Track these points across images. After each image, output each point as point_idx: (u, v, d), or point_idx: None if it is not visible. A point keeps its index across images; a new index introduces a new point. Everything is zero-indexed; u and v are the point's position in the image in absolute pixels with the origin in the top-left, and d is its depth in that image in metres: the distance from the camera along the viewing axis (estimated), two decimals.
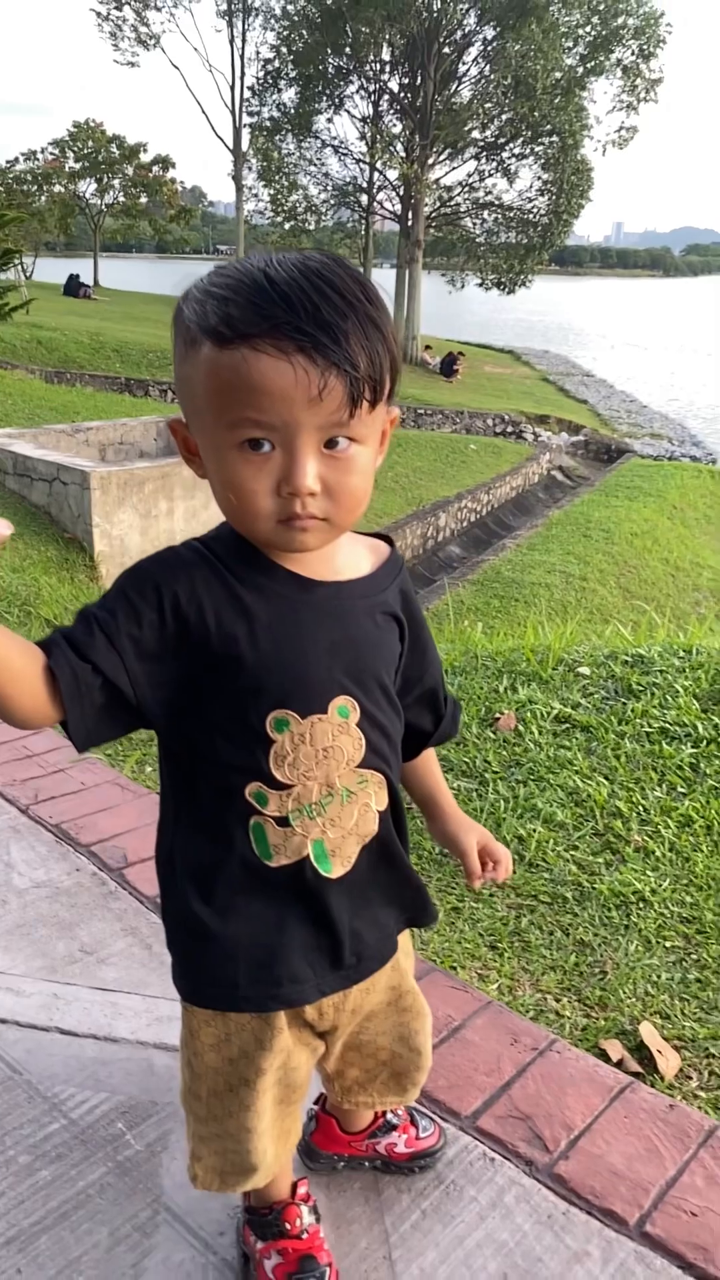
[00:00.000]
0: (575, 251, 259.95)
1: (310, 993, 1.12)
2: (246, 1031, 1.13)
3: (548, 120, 27.55)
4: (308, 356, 0.92)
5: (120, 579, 1.01)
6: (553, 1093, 1.65)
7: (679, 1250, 1.39)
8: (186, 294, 0.99)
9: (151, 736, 3.33)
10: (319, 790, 1.07)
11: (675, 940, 2.32)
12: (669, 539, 16.72)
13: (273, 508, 0.98)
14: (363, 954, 1.15)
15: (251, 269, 0.94)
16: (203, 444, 1.00)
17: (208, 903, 1.08)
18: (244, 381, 0.92)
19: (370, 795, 1.11)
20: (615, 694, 3.52)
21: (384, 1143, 1.48)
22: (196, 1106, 1.19)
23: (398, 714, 1.15)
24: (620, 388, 33.35)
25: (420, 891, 1.22)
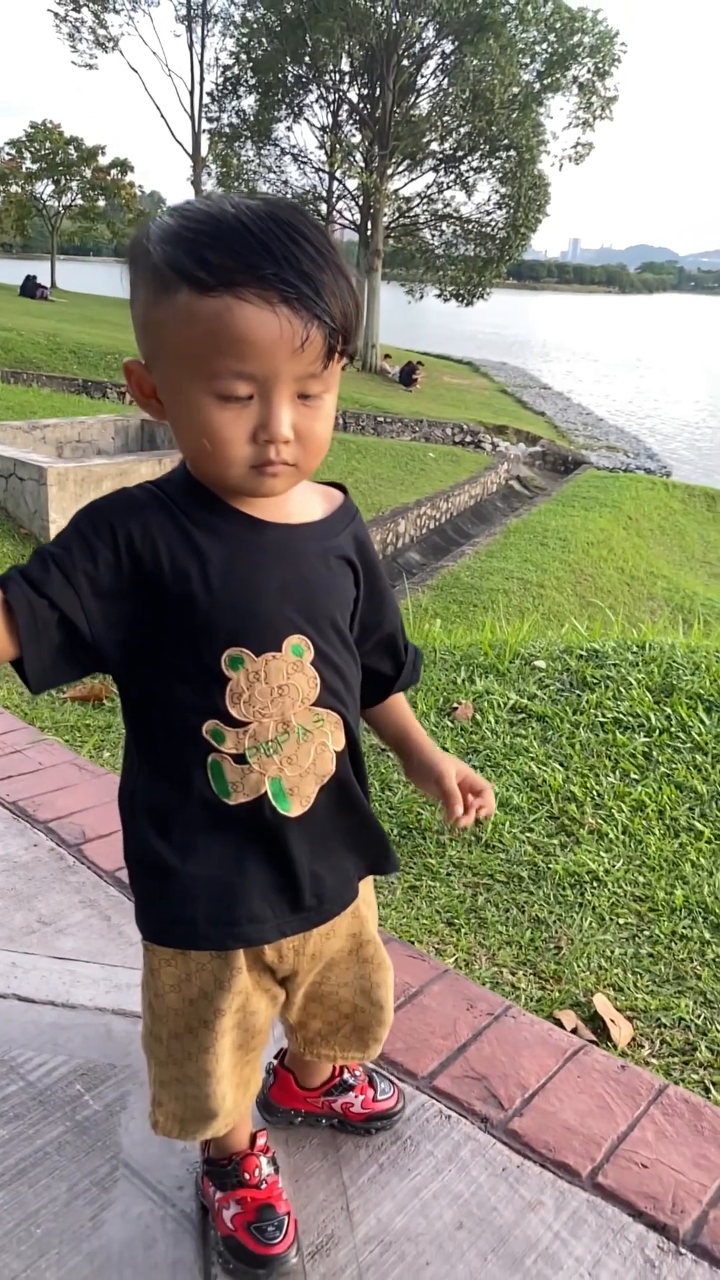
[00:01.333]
0: (533, 266, 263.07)
1: (270, 932, 1.13)
2: (206, 972, 1.14)
3: (505, 135, 27.90)
4: (291, 308, 0.93)
5: (75, 518, 1.02)
6: (508, 1055, 1.68)
7: (630, 1199, 1.42)
8: (147, 233, 0.98)
9: (109, 723, 3.30)
10: (275, 727, 1.08)
11: (628, 917, 2.37)
12: (624, 549, 16.96)
13: (248, 455, 0.99)
14: (323, 896, 1.17)
15: (223, 212, 0.94)
16: (170, 389, 1.00)
17: (168, 842, 1.09)
18: (228, 331, 0.93)
19: (327, 734, 1.13)
20: (570, 686, 3.58)
21: (340, 1101, 1.48)
22: (157, 1050, 1.19)
23: (353, 657, 1.17)
24: (577, 400, 33.81)
25: (381, 838, 1.24)
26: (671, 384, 45.23)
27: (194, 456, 1.02)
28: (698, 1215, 1.41)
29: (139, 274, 0.99)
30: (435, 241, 32.00)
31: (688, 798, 2.91)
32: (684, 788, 2.95)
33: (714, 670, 3.61)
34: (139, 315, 1.00)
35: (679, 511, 20.12)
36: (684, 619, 14.95)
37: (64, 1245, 1.27)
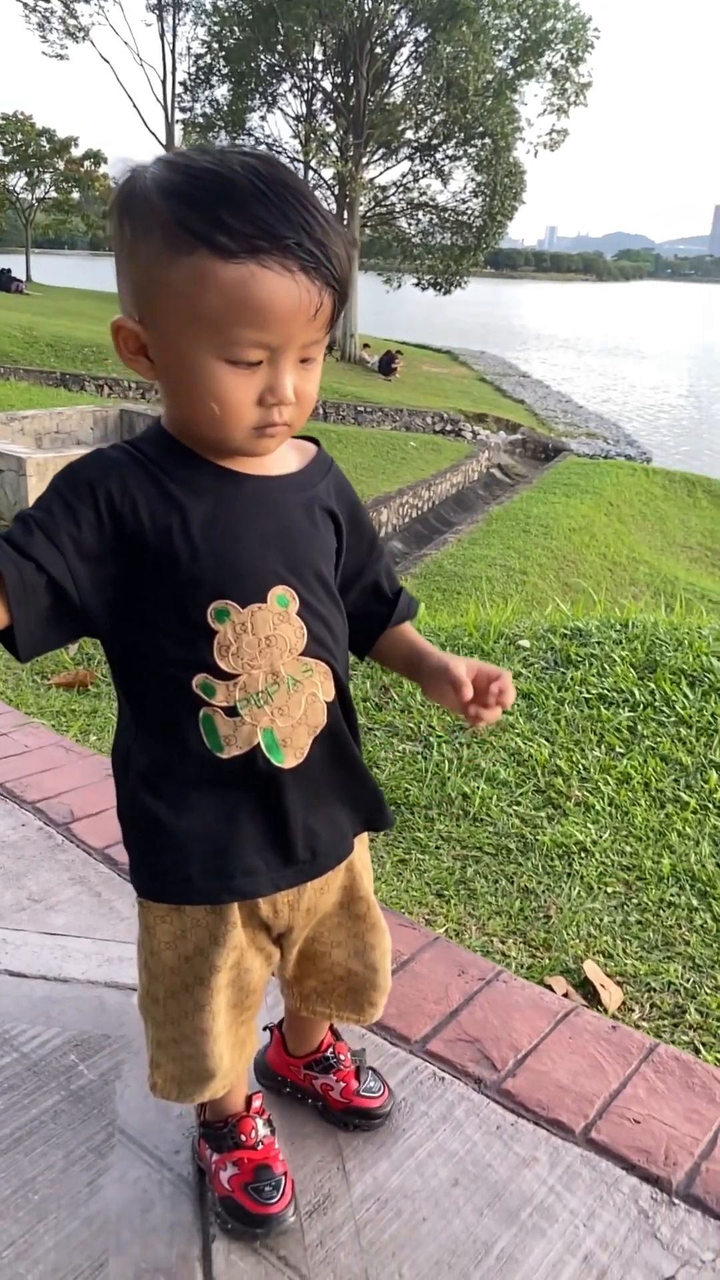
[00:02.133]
0: (510, 254, 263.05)
1: (264, 885, 1.13)
2: (201, 927, 1.14)
3: (480, 122, 27.85)
4: (309, 276, 0.94)
5: (54, 482, 1.01)
6: (500, 1018, 1.69)
7: (623, 1153, 1.44)
8: (143, 183, 0.95)
9: (95, 708, 3.29)
10: (265, 678, 1.08)
11: (616, 886, 2.39)
12: (606, 535, 17.02)
13: (254, 418, 1.00)
14: (317, 850, 1.17)
15: (232, 172, 0.92)
16: (172, 350, 0.98)
17: (161, 798, 1.10)
18: (252, 300, 0.93)
19: (316, 685, 1.13)
20: (555, 664, 3.59)
21: (320, 1081, 1.46)
22: (154, 1010, 1.20)
23: (338, 607, 1.17)
24: (556, 388, 33.84)
25: (376, 793, 1.24)
26: (650, 371, 45.38)
27: (195, 418, 1.02)
28: (690, 1167, 1.42)
29: (137, 226, 0.96)
30: (412, 230, 31.94)
31: (673, 769, 2.93)
32: (669, 760, 2.97)
33: (697, 646, 3.63)
34: (137, 271, 0.98)
35: (660, 497, 20.21)
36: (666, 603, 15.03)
37: (61, 1210, 1.27)
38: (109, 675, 3.73)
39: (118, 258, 1.00)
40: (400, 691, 3.36)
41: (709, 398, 37.81)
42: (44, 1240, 1.24)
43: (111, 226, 1.00)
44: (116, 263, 1.00)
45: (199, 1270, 1.22)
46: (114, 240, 1.00)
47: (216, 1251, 1.24)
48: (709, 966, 2.11)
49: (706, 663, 3.50)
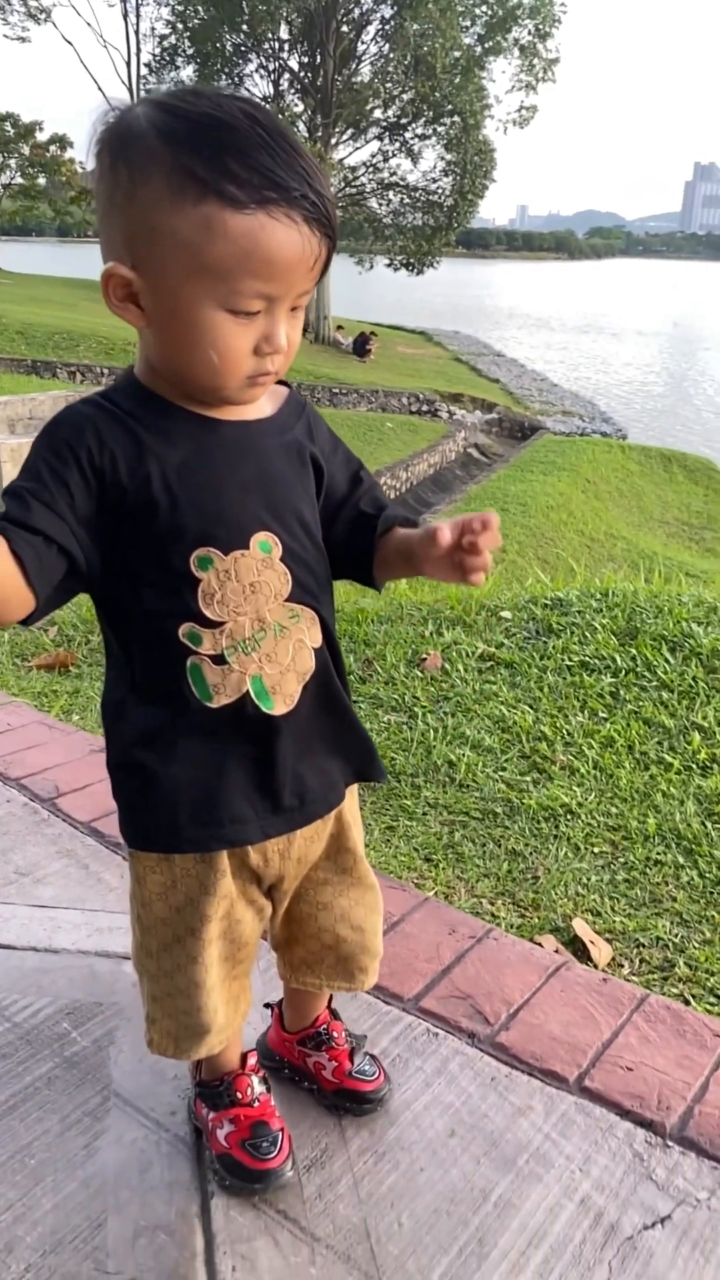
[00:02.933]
0: (481, 234, 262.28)
1: (253, 833, 1.13)
2: (191, 877, 1.14)
3: (449, 100, 27.69)
4: (310, 227, 0.95)
5: (35, 448, 1.00)
6: (491, 974, 1.70)
7: (617, 1100, 1.45)
8: (139, 126, 0.93)
9: (76, 688, 3.26)
10: (251, 625, 1.08)
11: (603, 846, 2.40)
12: (584, 512, 17.07)
13: (250, 367, 1.00)
14: (305, 797, 1.17)
15: (232, 118, 0.91)
16: (170, 299, 0.96)
17: (151, 748, 1.09)
18: (259, 251, 0.93)
19: (304, 631, 1.13)
20: (536, 633, 3.60)
21: (313, 1059, 1.43)
22: (148, 963, 1.20)
23: (322, 554, 1.17)
24: (531, 367, 33.82)
25: (366, 743, 1.24)
26: (624, 348, 45.42)
27: (191, 367, 1.01)
28: (683, 1111, 1.44)
29: (135, 170, 0.93)
30: (383, 211, 31.75)
31: (656, 732, 2.94)
32: (652, 723, 2.99)
33: (676, 612, 3.65)
34: (135, 216, 0.95)
35: (636, 473, 20.26)
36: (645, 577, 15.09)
37: (59, 1174, 1.27)
38: (89, 656, 3.69)
39: (107, 201, 0.97)
40: (384, 664, 3.36)
41: (682, 374, 37.93)
42: (42, 1203, 1.24)
43: (98, 167, 0.97)
44: (104, 206, 0.98)
45: (198, 1226, 1.22)
46: (101, 182, 0.97)
47: (215, 1208, 1.24)
48: (696, 921, 2.13)
49: (686, 628, 3.51)
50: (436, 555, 1.04)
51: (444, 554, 1.03)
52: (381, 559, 1.19)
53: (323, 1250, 1.19)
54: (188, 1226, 1.22)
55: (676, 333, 55.69)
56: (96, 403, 1.04)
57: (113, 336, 23.62)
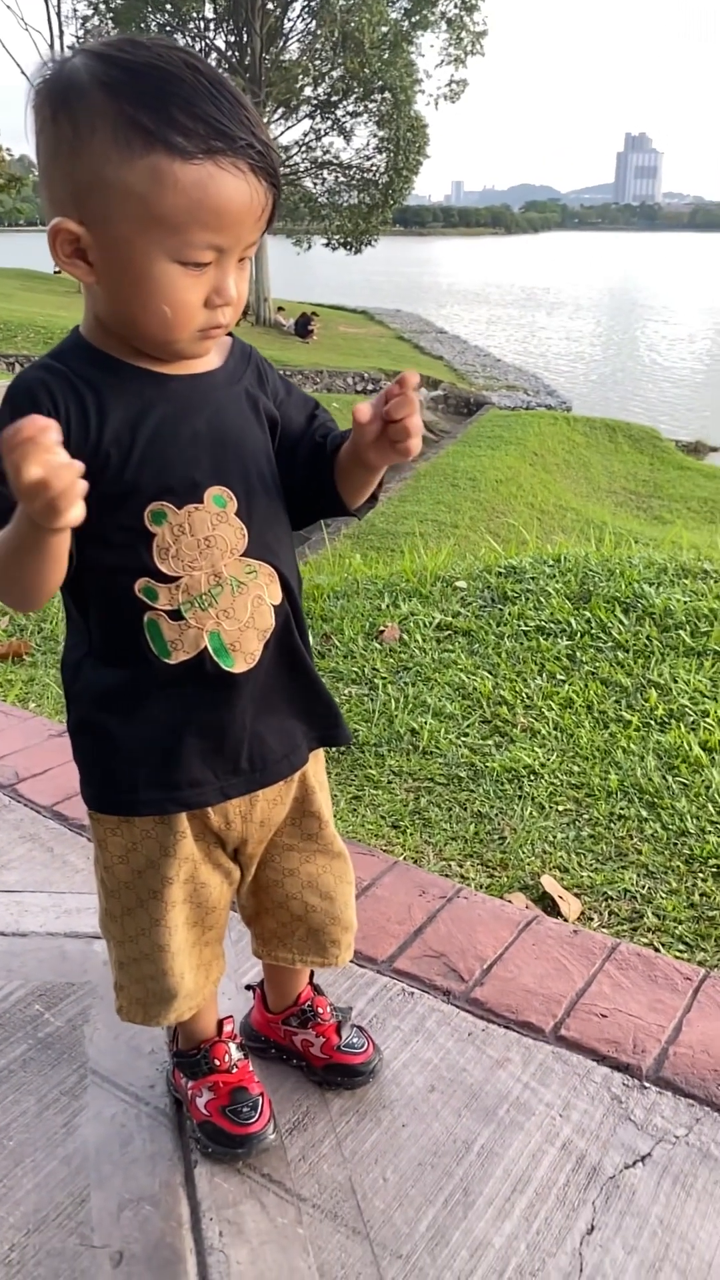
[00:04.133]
0: (418, 211, 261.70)
1: (212, 794, 1.12)
2: (151, 839, 1.14)
3: (378, 76, 27.47)
4: (257, 177, 0.94)
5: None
6: (463, 932, 1.71)
7: (593, 1046, 1.47)
8: (79, 78, 0.91)
9: (31, 676, 3.21)
10: (207, 580, 1.07)
11: (567, 804, 2.42)
12: (532, 484, 17.15)
13: (201, 319, 1.00)
14: (267, 758, 1.16)
15: (173, 65, 0.90)
16: (121, 253, 0.95)
17: (109, 709, 1.09)
18: (208, 201, 0.92)
19: (262, 587, 1.11)
20: (492, 601, 3.62)
21: (300, 1037, 1.42)
22: (114, 928, 1.19)
23: (279, 507, 1.15)
24: (474, 343, 33.85)
25: (330, 705, 1.23)
26: (563, 320, 45.65)
27: (143, 321, 0.99)
28: (658, 1053, 1.46)
29: (80, 123, 0.92)
30: (318, 190, 31.49)
31: (613, 691, 2.97)
32: (609, 683, 3.02)
33: (628, 575, 3.69)
34: (81, 170, 0.93)
35: (582, 445, 20.41)
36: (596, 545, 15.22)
37: (39, 1153, 1.26)
38: (43, 645, 3.62)
39: (49, 155, 0.95)
40: (342, 638, 3.36)
41: (621, 344, 38.21)
42: (22, 1184, 1.22)
43: (38, 120, 0.96)
44: (46, 160, 0.96)
45: (183, 1195, 1.21)
46: (42, 136, 0.95)
47: (199, 1176, 1.23)
48: (662, 873, 2.16)
49: (638, 589, 3.55)
50: (368, 439, 1.03)
51: (372, 433, 1.02)
52: (340, 475, 1.15)
53: (309, 1210, 1.19)
54: (173, 1196, 1.21)
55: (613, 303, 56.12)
56: (45, 365, 1.03)
57: (51, 325, 23.20)
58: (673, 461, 20.67)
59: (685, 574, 3.78)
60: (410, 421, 1.01)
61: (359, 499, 1.17)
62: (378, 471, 1.12)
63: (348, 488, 1.15)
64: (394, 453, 1.04)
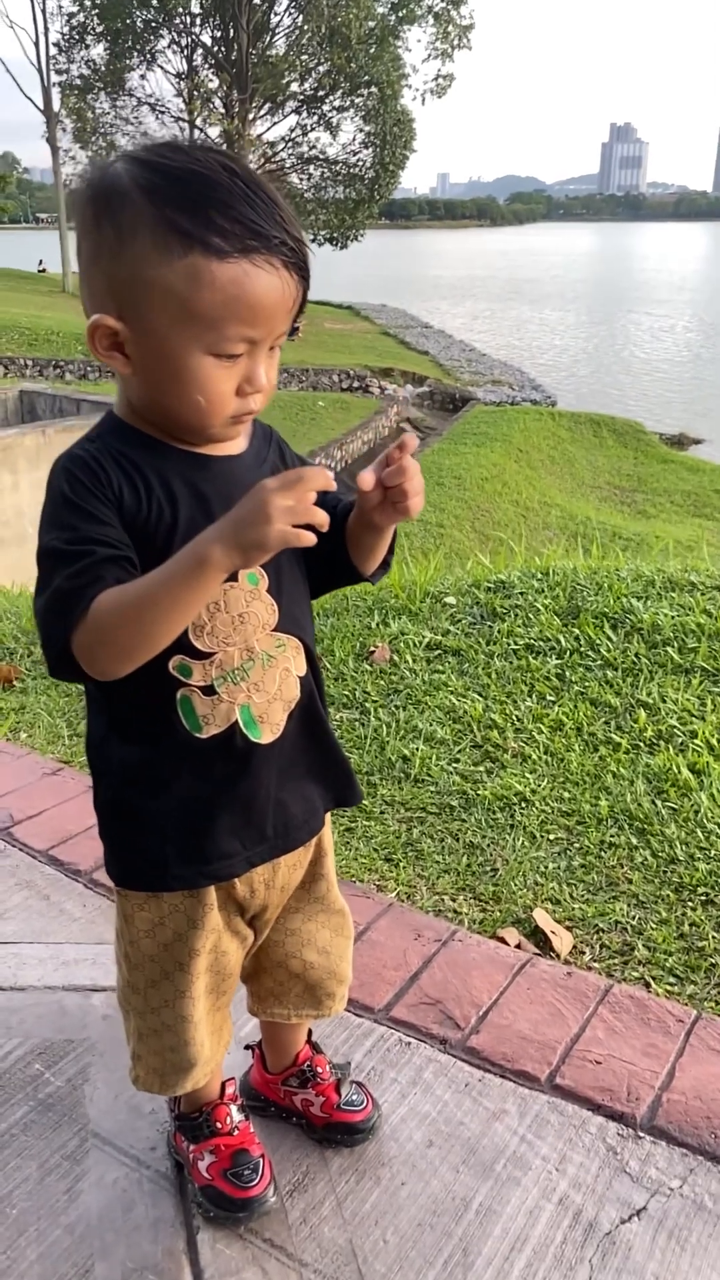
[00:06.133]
0: (403, 204, 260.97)
1: (239, 865, 1.15)
2: (179, 913, 1.16)
3: (365, 71, 27.44)
4: (289, 271, 0.99)
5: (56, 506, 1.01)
6: (459, 977, 1.72)
7: (588, 1095, 1.49)
8: (121, 184, 0.96)
9: (22, 704, 3.21)
10: (239, 655, 1.10)
11: (558, 833, 2.44)
12: (517, 481, 17.20)
13: (233, 407, 1.04)
14: (289, 824, 1.19)
15: (212, 170, 0.95)
16: (157, 346, 0.99)
17: (139, 785, 1.11)
18: (244, 297, 0.97)
19: (289, 660, 1.15)
20: (481, 618, 3.63)
21: (300, 1097, 1.43)
22: (135, 1000, 1.21)
23: (304, 582, 1.19)
24: (459, 337, 33.84)
25: (345, 767, 1.26)
26: (549, 313, 45.68)
27: (179, 410, 1.03)
28: (651, 1100, 1.48)
29: (121, 227, 0.97)
30: (304, 185, 31.41)
31: (602, 712, 2.99)
32: (598, 703, 3.04)
33: (616, 588, 3.70)
34: (122, 270, 0.98)
35: (567, 440, 20.45)
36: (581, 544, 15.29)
37: (42, 1221, 1.27)
38: (33, 669, 3.62)
39: (91, 255, 1.01)
40: (333, 660, 3.37)
41: (605, 336, 38.28)
42: (26, 1254, 1.23)
43: (83, 223, 1.01)
44: (89, 259, 1.01)
45: (186, 1263, 1.23)
46: (86, 238, 1.00)
47: (202, 1242, 1.25)
48: (652, 902, 2.18)
49: (626, 604, 3.57)
50: (371, 503, 1.09)
51: (375, 499, 1.08)
52: (351, 542, 1.19)
53: (311, 1275, 1.21)
54: (176, 1264, 1.22)
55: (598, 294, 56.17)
56: (91, 448, 1.06)
57: (35, 327, 23.08)
58: (656, 455, 20.76)
59: (672, 587, 3.80)
60: (409, 484, 1.07)
61: (372, 564, 1.21)
62: (385, 533, 1.17)
63: (359, 553, 1.20)
64: (397, 513, 1.09)
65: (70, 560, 0.97)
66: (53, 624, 0.97)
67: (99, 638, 0.96)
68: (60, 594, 0.96)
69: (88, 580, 0.96)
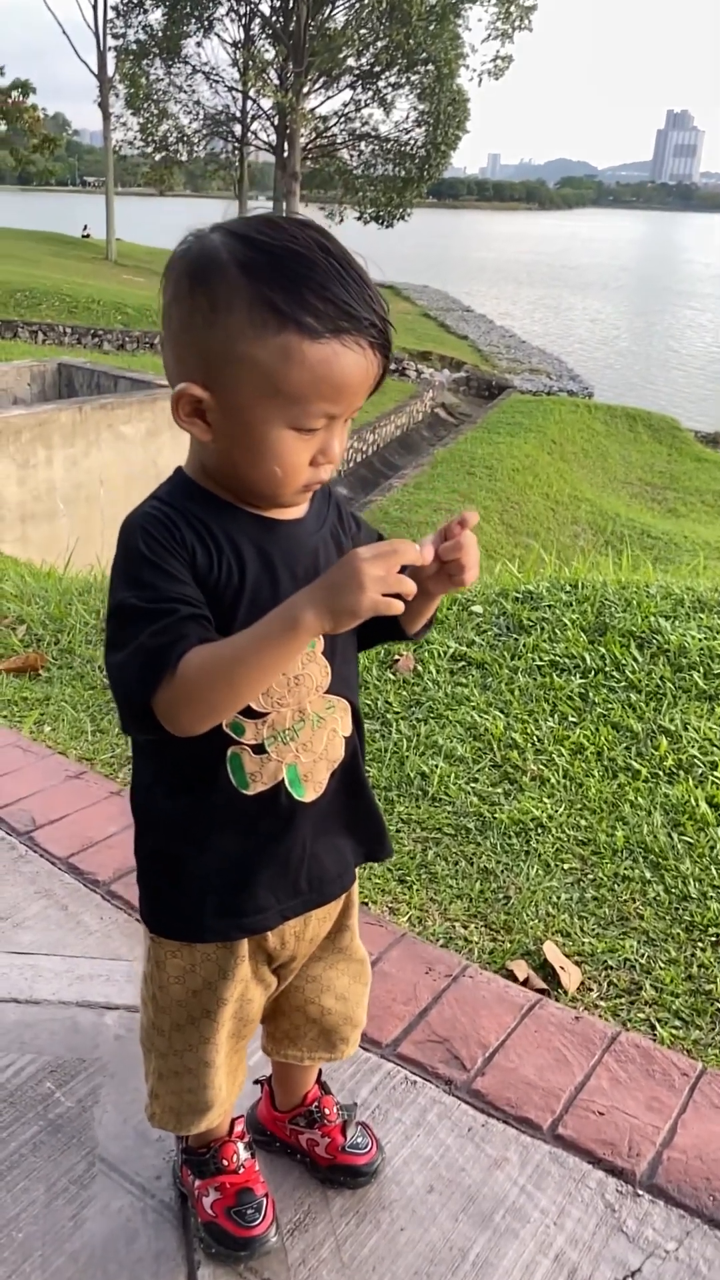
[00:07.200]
0: (452, 184, 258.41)
1: (272, 918, 1.17)
2: (210, 962, 1.18)
3: (423, 48, 27.11)
4: (375, 351, 1.01)
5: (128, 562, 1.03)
6: (467, 1015, 1.74)
7: (589, 1148, 1.50)
8: (219, 257, 0.98)
9: (47, 695, 3.23)
10: (292, 716, 1.12)
11: (572, 862, 2.45)
12: (549, 474, 17.09)
13: (307, 477, 1.06)
14: (323, 878, 1.21)
15: (310, 249, 0.97)
16: (241, 417, 1.01)
17: (183, 839, 1.13)
18: (332, 376, 0.99)
19: (337, 720, 1.17)
20: (507, 630, 3.62)
21: (306, 1136, 1.44)
22: (159, 1042, 1.23)
23: (355, 644, 1.21)
24: (500, 323, 33.57)
25: (379, 823, 1.28)
26: (591, 303, 45.16)
27: (254, 478, 1.05)
28: (652, 1157, 1.49)
29: (216, 300, 0.99)
30: (354, 162, 31.15)
31: (624, 737, 2.99)
32: (620, 727, 3.03)
33: (645, 606, 3.69)
34: (214, 343, 1.00)
35: (601, 433, 20.29)
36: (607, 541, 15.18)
37: (47, 1247, 1.30)
38: (59, 658, 3.63)
39: (182, 323, 1.03)
40: (358, 667, 3.37)
41: (647, 329, 37.83)
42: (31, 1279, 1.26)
43: (176, 291, 1.02)
44: (178, 327, 1.03)
45: None
46: (177, 305, 1.03)
47: (202, 1278, 1.27)
48: (662, 940, 2.19)
49: (654, 623, 3.55)
50: (426, 574, 1.10)
51: (431, 570, 1.10)
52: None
53: None
54: None
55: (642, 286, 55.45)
56: (162, 507, 1.07)
57: (76, 295, 23.06)
58: (691, 453, 20.56)
59: (701, 607, 3.77)
60: (466, 558, 1.09)
61: (417, 625, 1.24)
62: (436, 599, 1.19)
63: (408, 616, 1.21)
64: (451, 584, 1.12)
65: (153, 618, 0.99)
66: (135, 680, 0.99)
67: (186, 695, 0.98)
68: (145, 651, 0.98)
69: (173, 638, 0.98)
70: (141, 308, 23.17)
